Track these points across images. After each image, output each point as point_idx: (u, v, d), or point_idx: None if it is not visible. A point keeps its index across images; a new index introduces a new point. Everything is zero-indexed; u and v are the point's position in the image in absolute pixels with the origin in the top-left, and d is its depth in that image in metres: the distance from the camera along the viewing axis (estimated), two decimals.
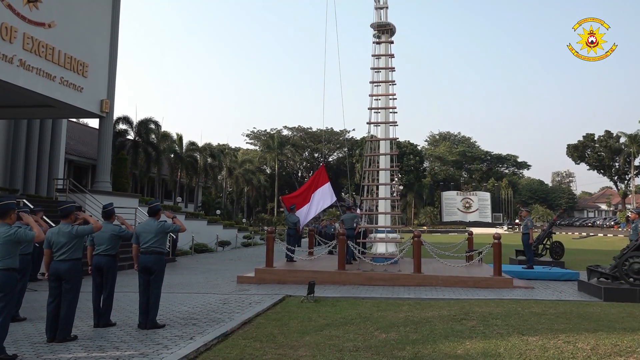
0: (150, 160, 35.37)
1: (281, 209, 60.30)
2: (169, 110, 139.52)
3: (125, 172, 24.53)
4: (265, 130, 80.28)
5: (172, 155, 41.60)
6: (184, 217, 23.95)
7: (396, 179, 17.60)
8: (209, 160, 47.36)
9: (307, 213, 15.82)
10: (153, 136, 36.64)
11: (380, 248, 14.47)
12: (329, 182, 16.41)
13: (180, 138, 43.35)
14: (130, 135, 34.83)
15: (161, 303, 7.38)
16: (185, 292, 10.51)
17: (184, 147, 43.61)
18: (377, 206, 15.31)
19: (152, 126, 36.12)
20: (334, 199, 16.46)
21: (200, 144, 46.36)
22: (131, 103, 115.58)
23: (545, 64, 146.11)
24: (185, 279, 12.82)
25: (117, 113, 36.31)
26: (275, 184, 66.93)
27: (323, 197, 16.02)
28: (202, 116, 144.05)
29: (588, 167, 73.77)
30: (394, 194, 17.38)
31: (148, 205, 7.43)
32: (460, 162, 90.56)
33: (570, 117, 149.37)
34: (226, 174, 57.76)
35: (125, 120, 34.09)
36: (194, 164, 43.80)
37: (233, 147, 75.48)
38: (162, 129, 38.45)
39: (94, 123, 43.08)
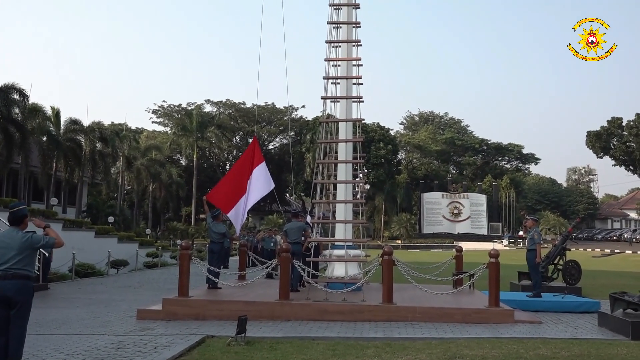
0: (13, 145, 34.47)
1: (202, 215, 59.82)
2: (40, 75, 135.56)
3: None
4: (180, 105, 79.38)
5: (45, 139, 40.84)
6: (62, 226, 23.53)
7: (361, 175, 17.76)
8: (99, 145, 46.61)
9: (243, 210, 15.16)
10: (17, 110, 35.74)
11: (338, 270, 14.56)
12: (264, 162, 15.72)
13: (57, 114, 42.54)
14: None
15: (27, 347, 7.22)
16: (61, 332, 10.31)
17: (63, 127, 42.86)
18: (334, 212, 15.40)
19: (16, 96, 35.27)
20: (272, 185, 15.74)
21: (86, 123, 45.74)
22: None
23: (557, 29, 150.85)
24: (62, 314, 12.59)
25: None
26: (193, 180, 66.24)
27: (261, 182, 15.27)
28: (88, 84, 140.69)
29: (614, 162, 76.41)
30: (358, 196, 17.54)
31: (9, 210, 7.24)
32: (447, 153, 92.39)
33: (591, 97, 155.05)
34: (123, 166, 56.72)
35: None
36: (77, 150, 43.06)
37: (133, 127, 74.54)
38: (31, 101, 37.66)
39: None
